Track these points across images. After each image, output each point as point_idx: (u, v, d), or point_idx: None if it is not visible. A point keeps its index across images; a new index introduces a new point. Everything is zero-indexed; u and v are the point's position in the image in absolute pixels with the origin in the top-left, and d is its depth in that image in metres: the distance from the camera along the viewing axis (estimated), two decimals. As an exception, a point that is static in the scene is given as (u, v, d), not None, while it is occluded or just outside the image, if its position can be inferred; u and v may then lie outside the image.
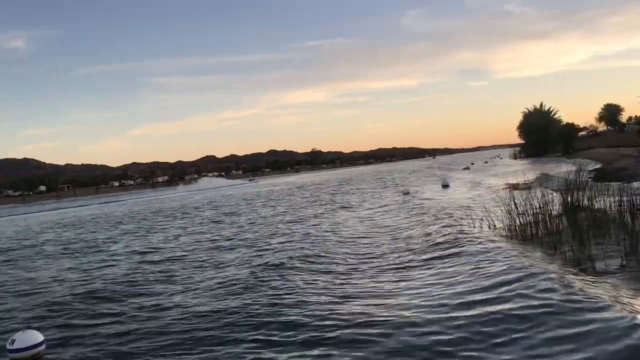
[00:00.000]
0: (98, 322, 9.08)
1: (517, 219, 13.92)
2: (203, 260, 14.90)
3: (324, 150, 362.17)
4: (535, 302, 7.28)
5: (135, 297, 10.79)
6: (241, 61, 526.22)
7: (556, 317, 6.67)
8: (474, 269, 10.06)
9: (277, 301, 9.17)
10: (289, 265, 12.52)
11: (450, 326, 6.93)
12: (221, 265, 13.73)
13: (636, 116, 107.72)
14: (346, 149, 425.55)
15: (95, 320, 9.23)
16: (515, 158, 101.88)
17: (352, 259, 12.87)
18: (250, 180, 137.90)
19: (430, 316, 7.40)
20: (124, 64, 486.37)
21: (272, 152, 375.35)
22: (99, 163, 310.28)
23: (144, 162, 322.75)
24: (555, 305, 7.03)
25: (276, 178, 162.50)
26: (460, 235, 14.06)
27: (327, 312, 8.15)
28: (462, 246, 12.68)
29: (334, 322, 7.64)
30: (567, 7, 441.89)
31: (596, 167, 39.42)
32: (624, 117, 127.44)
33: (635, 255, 9.34)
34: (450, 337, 6.60)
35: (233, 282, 11.16)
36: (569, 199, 13.70)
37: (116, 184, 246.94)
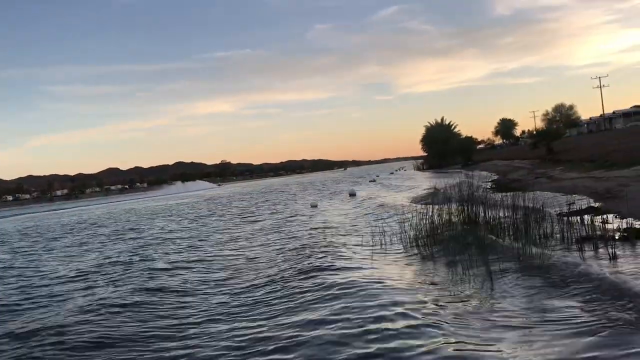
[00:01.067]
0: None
1: (420, 229, 14.35)
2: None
3: (234, 162, 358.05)
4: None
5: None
6: (146, 70, 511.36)
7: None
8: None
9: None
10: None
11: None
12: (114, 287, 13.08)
13: (529, 130, 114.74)
14: (256, 161, 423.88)
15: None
16: (418, 170, 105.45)
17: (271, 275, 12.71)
18: (219, 185, 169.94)
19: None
20: (14, 71, 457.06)
21: (180, 164, 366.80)
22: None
23: (42, 174, 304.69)
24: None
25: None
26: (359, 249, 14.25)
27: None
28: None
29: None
30: (465, 26, 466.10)
31: (493, 178, 41.56)
32: (518, 131, 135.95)
33: (526, 263, 9.88)
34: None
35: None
36: (468, 210, 14.31)
37: (10, 198, 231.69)
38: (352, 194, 40.03)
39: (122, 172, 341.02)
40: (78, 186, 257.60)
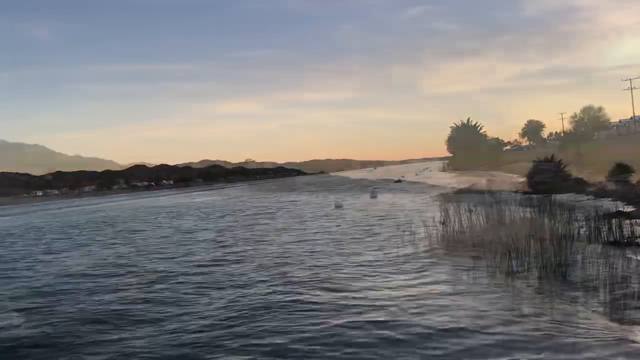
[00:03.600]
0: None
1: (445, 231, 14.25)
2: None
3: (258, 160, 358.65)
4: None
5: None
6: (171, 69, 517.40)
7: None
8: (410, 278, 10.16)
9: None
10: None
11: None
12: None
13: (557, 132, 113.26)
14: (280, 160, 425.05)
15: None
16: (444, 170, 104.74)
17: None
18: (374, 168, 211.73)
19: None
20: (47, 70, 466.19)
21: (205, 162, 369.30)
22: (21, 171, 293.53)
23: (69, 170, 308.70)
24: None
25: (207, 190, 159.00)
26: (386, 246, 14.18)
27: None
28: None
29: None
30: (492, 27, 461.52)
31: (520, 180, 40.99)
32: (545, 133, 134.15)
33: (551, 267, 9.72)
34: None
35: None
36: (494, 211, 14.16)
37: (40, 193, 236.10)
38: (374, 196, 38.44)
39: (148, 169, 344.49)
40: (105, 182, 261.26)
